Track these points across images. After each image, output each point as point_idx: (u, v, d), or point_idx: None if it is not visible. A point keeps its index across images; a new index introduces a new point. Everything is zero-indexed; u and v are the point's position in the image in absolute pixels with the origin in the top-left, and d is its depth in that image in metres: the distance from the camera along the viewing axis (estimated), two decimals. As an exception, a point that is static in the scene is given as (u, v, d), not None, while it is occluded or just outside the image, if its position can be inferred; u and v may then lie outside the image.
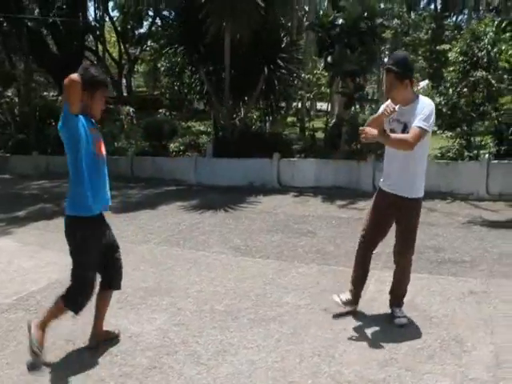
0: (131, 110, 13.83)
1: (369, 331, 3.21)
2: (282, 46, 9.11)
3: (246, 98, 10.21)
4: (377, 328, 3.25)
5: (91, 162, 2.72)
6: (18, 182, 11.79)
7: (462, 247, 5.16)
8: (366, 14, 7.60)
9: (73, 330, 3.30)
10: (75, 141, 2.64)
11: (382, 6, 19.07)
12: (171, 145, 11.16)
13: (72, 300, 2.81)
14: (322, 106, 26.10)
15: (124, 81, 26.38)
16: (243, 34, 7.59)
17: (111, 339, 3.12)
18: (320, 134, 12.66)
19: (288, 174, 9.20)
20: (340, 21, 7.77)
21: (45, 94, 19.63)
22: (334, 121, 11.21)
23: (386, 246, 3.57)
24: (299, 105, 17.62)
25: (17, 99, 17.38)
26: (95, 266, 2.87)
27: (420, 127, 2.91)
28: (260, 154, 9.59)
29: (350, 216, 6.91)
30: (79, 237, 2.75)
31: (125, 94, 23.68)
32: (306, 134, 11.53)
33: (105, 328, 3.11)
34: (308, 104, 20.41)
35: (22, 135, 13.72)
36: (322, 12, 17.02)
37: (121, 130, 12.51)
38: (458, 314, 3.44)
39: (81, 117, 2.66)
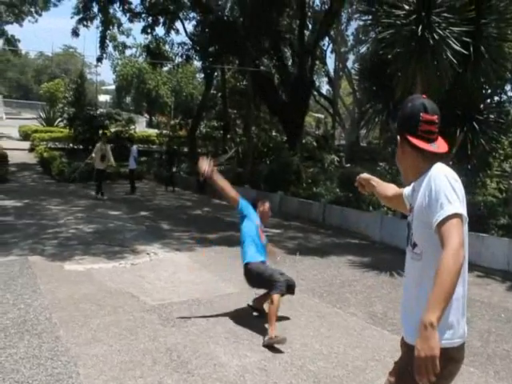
0: (335, 158, 14.51)
1: None
2: (479, 106, 8.14)
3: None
4: None
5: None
6: (227, 209, 13.61)
7: None
8: None
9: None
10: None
11: None
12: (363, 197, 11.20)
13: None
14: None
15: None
16: (433, 94, 7.13)
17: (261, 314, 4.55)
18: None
19: (474, 249, 8.07)
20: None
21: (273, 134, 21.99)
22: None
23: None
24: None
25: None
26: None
27: (444, 220, 1.70)
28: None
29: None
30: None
31: (363, 144, 24.42)
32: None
33: None
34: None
35: (241, 169, 15.86)
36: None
37: (323, 176, 13.20)
38: None
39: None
